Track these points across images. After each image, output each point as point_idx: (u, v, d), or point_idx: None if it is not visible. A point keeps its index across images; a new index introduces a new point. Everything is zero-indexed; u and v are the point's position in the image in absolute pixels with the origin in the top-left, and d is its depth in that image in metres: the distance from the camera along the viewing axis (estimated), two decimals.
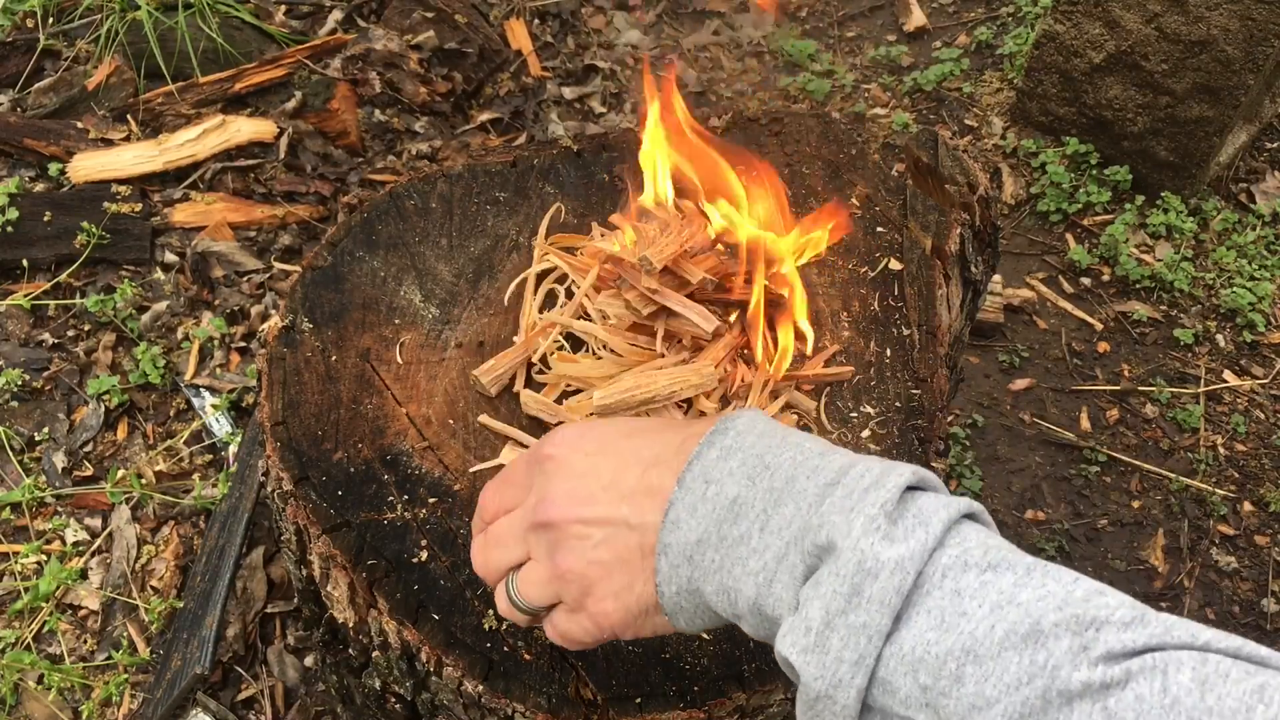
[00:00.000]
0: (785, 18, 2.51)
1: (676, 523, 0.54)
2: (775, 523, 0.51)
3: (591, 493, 0.57)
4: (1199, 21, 1.85)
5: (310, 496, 0.77)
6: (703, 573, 0.53)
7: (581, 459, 0.59)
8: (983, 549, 0.47)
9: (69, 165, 1.74)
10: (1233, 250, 2.02)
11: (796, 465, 0.53)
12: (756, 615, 0.52)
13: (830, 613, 0.47)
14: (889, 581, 0.46)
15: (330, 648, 0.84)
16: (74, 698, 1.26)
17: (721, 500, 0.53)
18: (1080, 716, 0.41)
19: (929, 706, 0.45)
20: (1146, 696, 0.40)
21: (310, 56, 1.94)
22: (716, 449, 0.55)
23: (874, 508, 0.48)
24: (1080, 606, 0.44)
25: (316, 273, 0.93)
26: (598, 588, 0.57)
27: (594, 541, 0.56)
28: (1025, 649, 0.43)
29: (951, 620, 0.45)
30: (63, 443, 1.48)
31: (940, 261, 0.97)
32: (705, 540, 0.53)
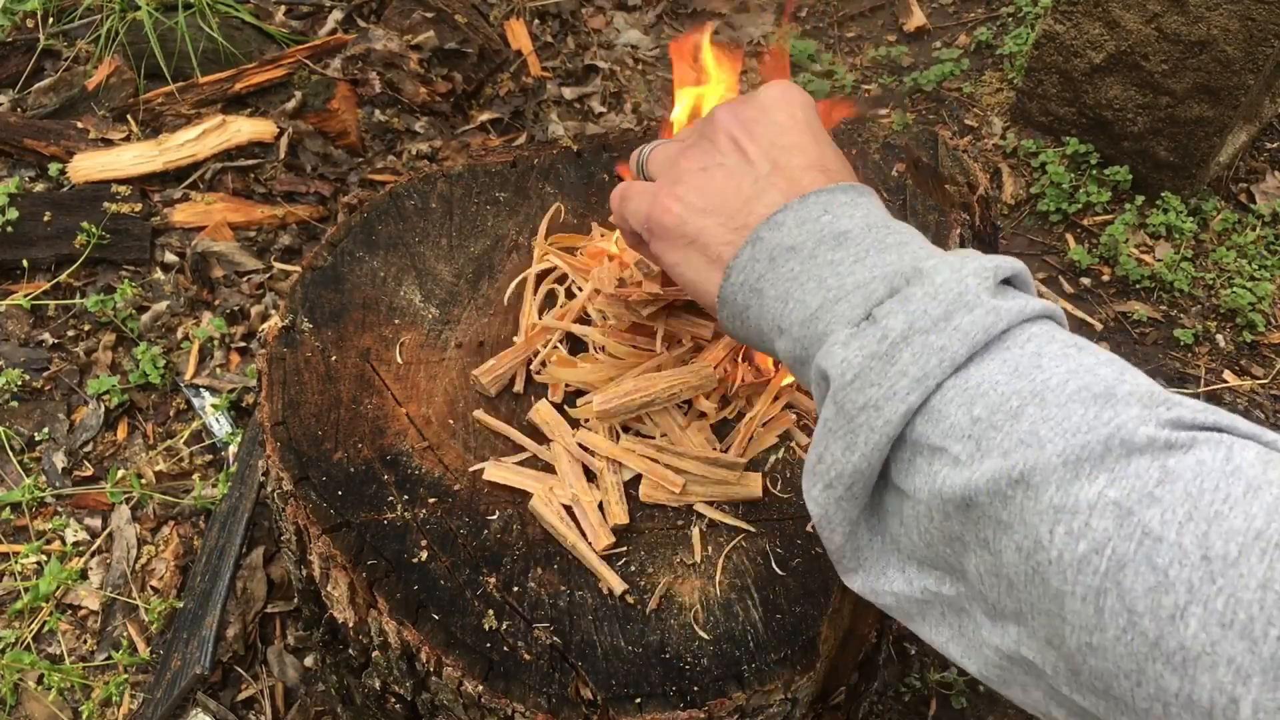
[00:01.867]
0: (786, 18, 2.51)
1: (780, 224, 0.54)
2: (873, 260, 0.51)
3: (762, 134, 0.59)
4: (1199, 22, 1.85)
5: (310, 496, 0.77)
6: (776, 274, 0.54)
7: (784, 118, 0.60)
8: (1072, 336, 0.47)
9: (69, 165, 1.74)
10: (1233, 250, 2.02)
11: (912, 235, 0.54)
12: (804, 328, 0.52)
13: (913, 328, 0.46)
14: (982, 319, 0.45)
15: (330, 648, 0.85)
16: (74, 698, 1.26)
17: (832, 228, 0.54)
18: (1138, 468, 0.39)
19: (971, 438, 0.44)
20: (1208, 461, 0.39)
21: (310, 56, 1.94)
22: (848, 194, 0.56)
23: (986, 265, 0.48)
24: (1157, 391, 0.44)
25: (316, 273, 0.93)
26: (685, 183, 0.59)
27: (723, 159, 0.59)
28: (1094, 405, 0.42)
29: (1026, 370, 0.44)
30: (63, 443, 1.48)
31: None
32: (797, 249, 0.53)
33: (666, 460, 0.79)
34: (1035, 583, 0.41)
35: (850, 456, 0.47)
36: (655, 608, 0.73)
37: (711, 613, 0.73)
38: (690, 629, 0.72)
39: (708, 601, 0.74)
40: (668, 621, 0.72)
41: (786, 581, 0.75)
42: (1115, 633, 0.38)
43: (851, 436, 0.47)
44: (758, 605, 0.74)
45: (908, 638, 1.37)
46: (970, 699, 1.31)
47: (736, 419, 0.83)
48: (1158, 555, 0.37)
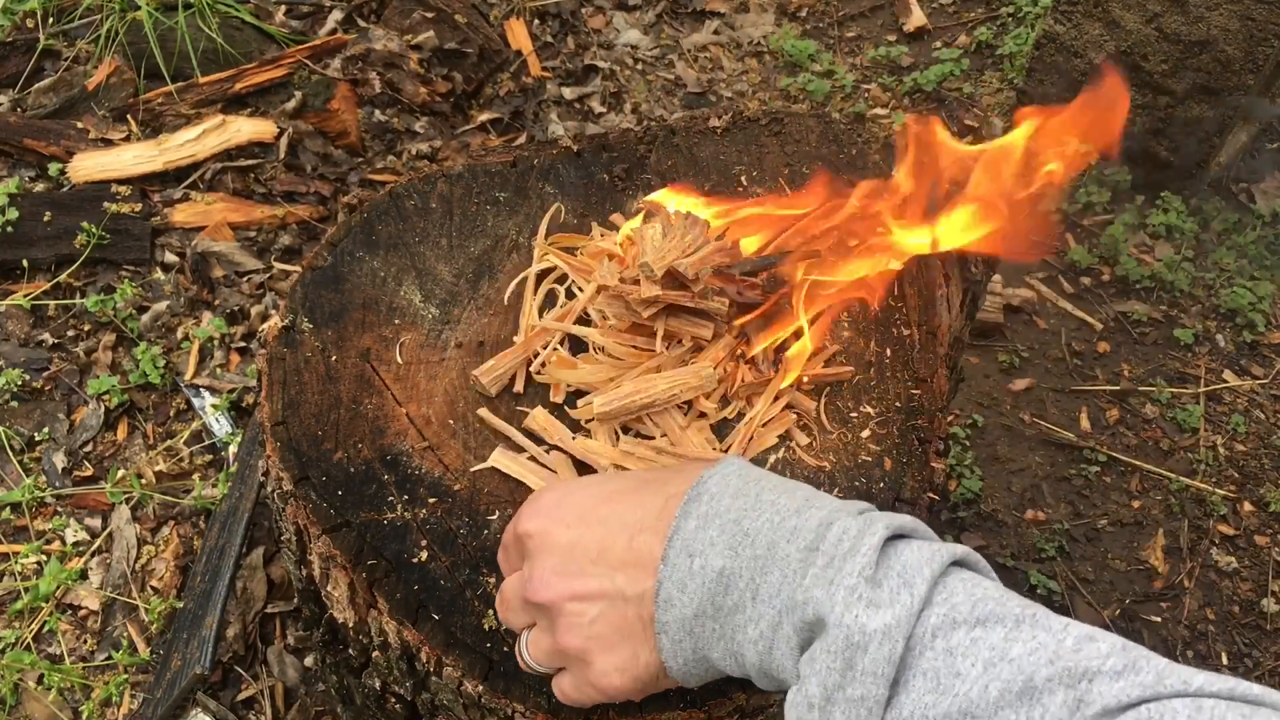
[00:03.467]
0: (785, 17, 2.51)
1: (669, 601, 0.54)
2: (765, 591, 0.52)
3: (581, 567, 0.57)
4: (1199, 22, 1.85)
5: (310, 496, 0.77)
6: (706, 643, 0.54)
7: (563, 531, 0.58)
8: (970, 603, 0.48)
9: (69, 165, 1.74)
10: (1233, 250, 2.02)
11: (775, 529, 0.53)
12: (765, 678, 0.53)
13: (828, 688, 0.48)
14: (879, 652, 0.46)
15: (330, 648, 0.84)
16: (74, 698, 1.26)
17: (708, 573, 0.53)
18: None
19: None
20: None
21: (310, 56, 1.94)
22: (694, 519, 0.55)
23: (853, 576, 0.48)
24: (1071, 658, 0.45)
25: (316, 273, 0.93)
26: (600, 661, 0.57)
27: (590, 617, 0.56)
28: (1021, 707, 0.44)
29: (947, 682, 0.46)
30: (63, 443, 1.48)
31: (940, 261, 0.97)
32: (701, 613, 0.54)
33: (667, 460, 0.79)
34: None
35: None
36: None
37: None
38: None
39: None
40: None
41: None
42: None
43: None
44: None
45: None
46: None
47: (736, 419, 0.83)
48: None
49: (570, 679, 0.60)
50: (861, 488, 0.81)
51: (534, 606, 0.59)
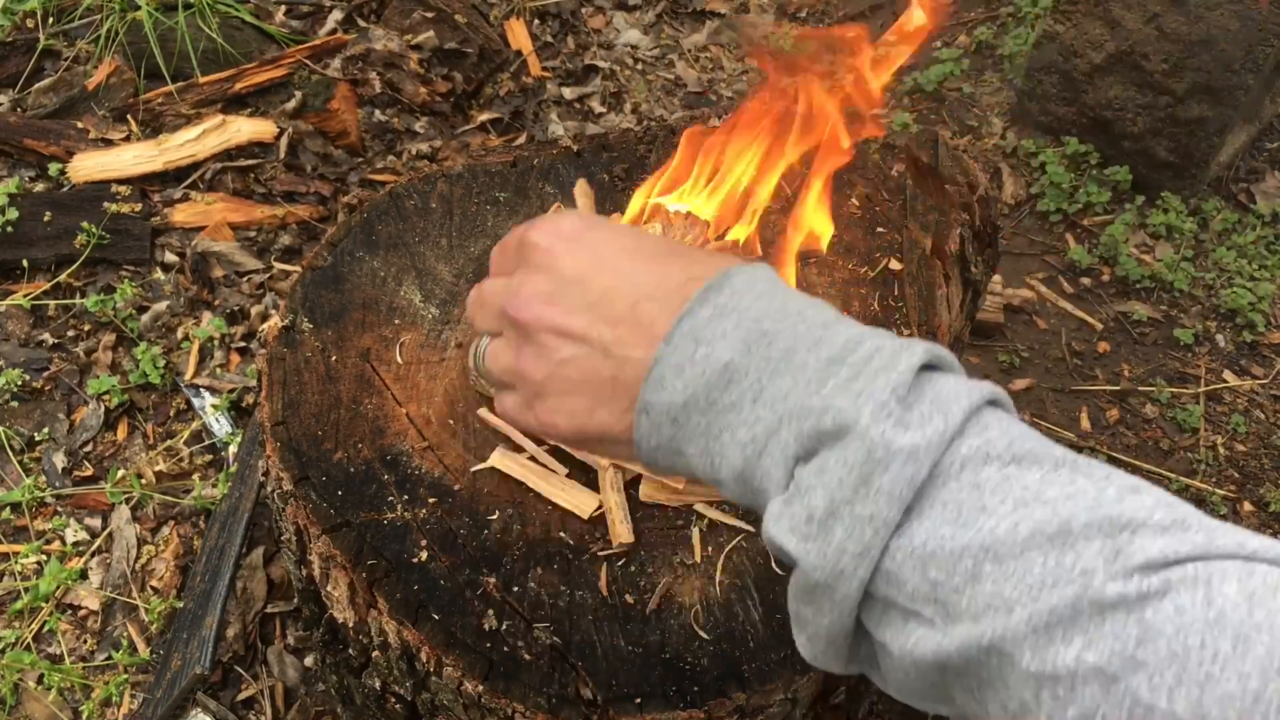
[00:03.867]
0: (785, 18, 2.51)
1: (661, 382, 0.50)
2: (769, 394, 0.47)
3: (573, 304, 0.52)
4: (1199, 21, 1.85)
5: (310, 496, 0.77)
6: (687, 435, 0.50)
7: (571, 262, 0.54)
8: (1007, 440, 0.43)
9: (69, 165, 1.74)
10: (1233, 250, 2.02)
11: (797, 336, 0.48)
12: (740, 484, 0.49)
13: (835, 502, 0.43)
14: (901, 472, 0.42)
15: (330, 648, 0.84)
16: (74, 698, 1.26)
17: (712, 364, 0.49)
18: (1114, 628, 0.37)
19: (938, 602, 0.41)
20: (1188, 609, 0.37)
21: (310, 56, 1.94)
22: (710, 307, 0.50)
23: (885, 391, 0.44)
24: (1113, 507, 0.40)
25: (316, 273, 0.93)
26: (552, 399, 0.53)
27: (562, 356, 0.52)
28: (1052, 550, 0.39)
29: (969, 516, 0.41)
30: (63, 443, 1.48)
31: (940, 261, 0.97)
32: (692, 404, 0.49)
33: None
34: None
35: (821, 620, 0.46)
36: (655, 608, 0.73)
37: (711, 613, 0.73)
38: (690, 629, 0.72)
39: (708, 602, 0.74)
40: (668, 621, 0.72)
41: (786, 582, 0.75)
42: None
43: (817, 605, 0.46)
44: (758, 605, 0.74)
45: None
46: None
47: None
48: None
49: (515, 399, 0.56)
50: None
51: (509, 320, 0.55)
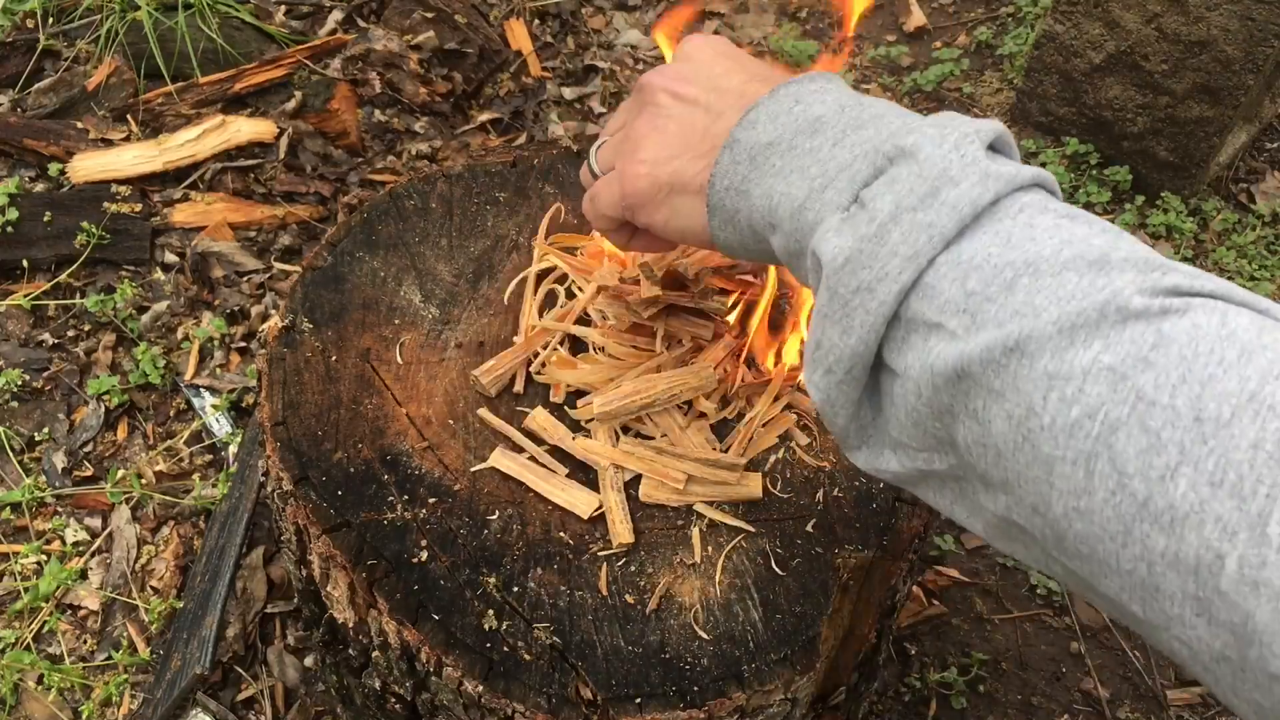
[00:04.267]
0: (785, 18, 2.51)
1: (754, 123, 0.55)
2: (851, 139, 0.51)
3: (696, 78, 0.60)
4: (1199, 21, 1.84)
5: (310, 496, 0.77)
6: (760, 173, 0.54)
7: (708, 53, 0.62)
8: (1063, 205, 0.46)
9: (69, 165, 1.74)
10: (1233, 250, 2.02)
11: (888, 109, 0.53)
12: (795, 220, 0.52)
13: (900, 207, 0.46)
14: (969, 191, 0.45)
15: (330, 648, 0.85)
16: (74, 698, 1.26)
17: (805, 116, 0.54)
18: (1133, 334, 0.39)
19: (966, 311, 0.43)
20: (1203, 325, 0.39)
21: (310, 57, 1.94)
22: (816, 83, 0.56)
23: (968, 131, 0.47)
24: (1152, 255, 0.43)
25: (316, 273, 0.93)
26: (643, 147, 0.60)
27: (669, 112, 0.60)
28: (1088, 273, 0.42)
29: (1018, 241, 0.44)
30: (63, 443, 1.48)
31: None
32: (775, 144, 0.53)
33: (666, 461, 0.79)
34: (1024, 450, 0.41)
35: (847, 340, 0.48)
36: (655, 608, 0.73)
37: (711, 613, 0.73)
38: (690, 629, 0.72)
39: (708, 601, 0.74)
40: (668, 621, 0.72)
41: (786, 581, 0.75)
42: (1104, 495, 0.38)
43: (847, 320, 0.47)
44: (758, 605, 0.74)
45: (908, 638, 1.37)
46: (970, 699, 1.31)
47: (736, 419, 0.83)
48: (1151, 418, 0.37)
49: (607, 179, 0.64)
50: (861, 488, 0.81)
51: (637, 95, 0.63)
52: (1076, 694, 1.35)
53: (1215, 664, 0.36)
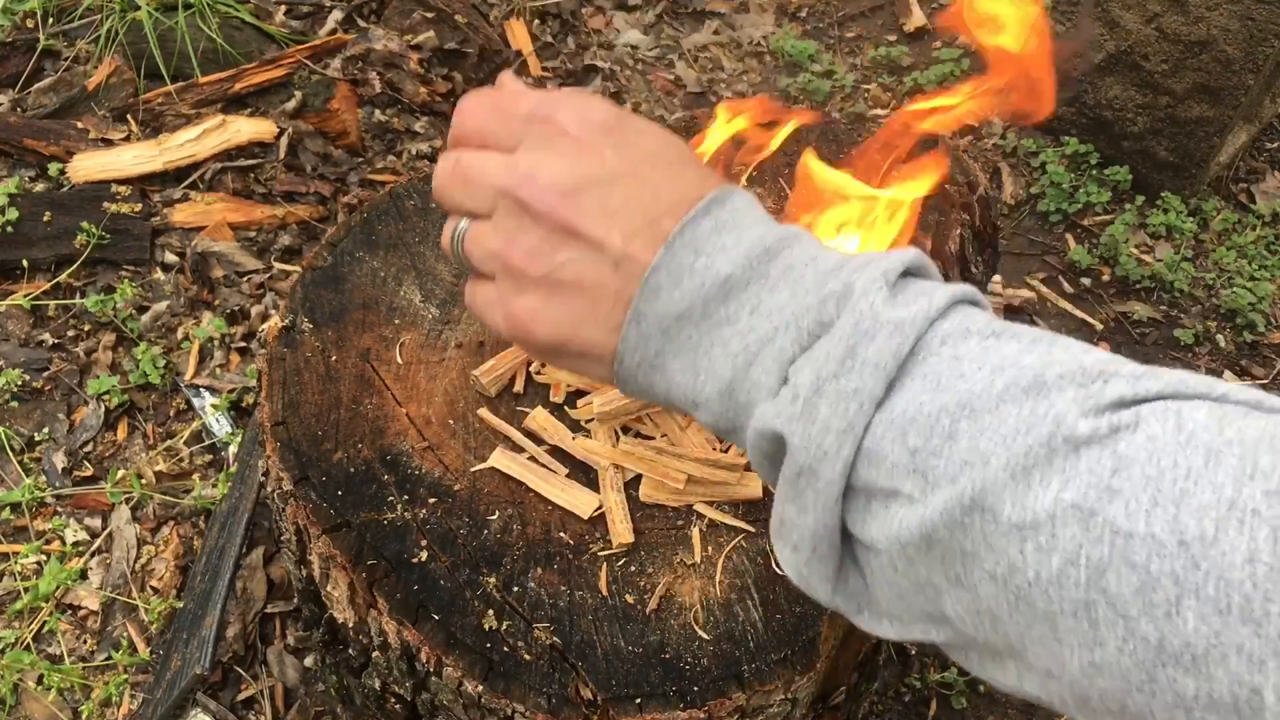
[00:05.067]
0: (785, 17, 2.51)
1: (657, 291, 0.47)
2: (768, 306, 0.46)
3: (593, 206, 0.48)
4: (1199, 22, 1.85)
5: (310, 496, 0.77)
6: (676, 348, 0.48)
7: (598, 159, 0.49)
8: (987, 320, 0.44)
9: (69, 165, 1.74)
10: (1233, 250, 2.02)
11: (794, 253, 0.48)
12: (725, 401, 0.48)
13: (821, 378, 0.42)
14: (886, 344, 0.42)
15: (330, 648, 0.84)
16: (74, 698, 1.26)
17: (711, 276, 0.47)
18: (1089, 463, 0.37)
19: (916, 472, 0.41)
20: (1159, 435, 0.36)
21: (310, 57, 1.94)
22: (711, 220, 0.48)
23: (875, 275, 0.44)
24: (1088, 359, 0.41)
25: (316, 273, 0.93)
26: (537, 300, 0.49)
27: (566, 257, 0.48)
28: (1026, 400, 0.39)
29: (948, 382, 0.41)
30: (63, 443, 1.48)
31: (941, 262, 0.97)
32: (686, 316, 0.47)
33: (666, 461, 0.79)
34: (1021, 609, 0.38)
35: (805, 519, 0.45)
36: (655, 608, 0.73)
37: (711, 613, 0.73)
38: (690, 629, 0.72)
39: (708, 601, 0.74)
40: (668, 621, 0.72)
41: (786, 582, 0.75)
42: (1116, 644, 0.35)
43: (800, 501, 0.44)
44: (758, 605, 0.74)
45: None
46: (970, 699, 1.31)
47: None
48: (1134, 552, 0.35)
49: (489, 292, 0.52)
50: None
51: (513, 203, 0.49)
52: None
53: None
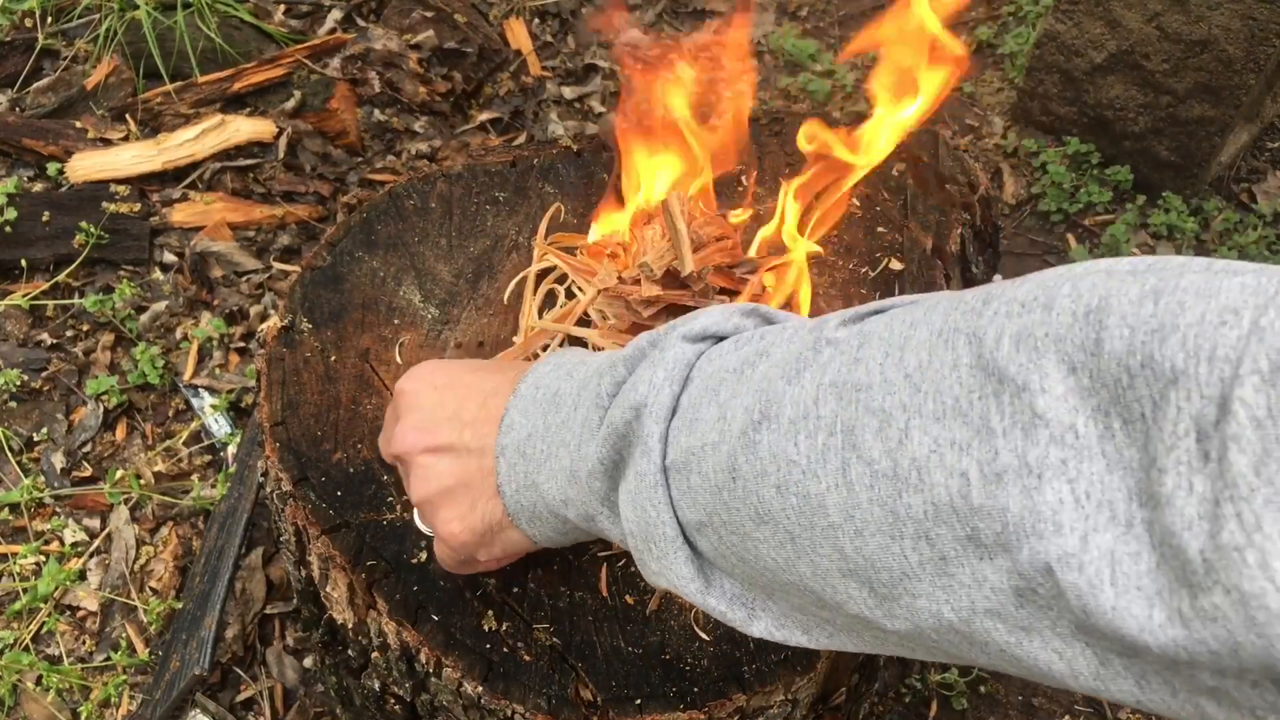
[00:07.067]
0: (785, 17, 2.50)
1: (511, 425, 0.57)
2: (585, 399, 0.54)
3: (437, 423, 0.60)
4: (1200, 21, 1.84)
5: (309, 497, 0.77)
6: (535, 464, 0.55)
7: (430, 393, 0.61)
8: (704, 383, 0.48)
9: (67, 165, 1.74)
10: (1234, 250, 2.02)
11: (609, 357, 0.55)
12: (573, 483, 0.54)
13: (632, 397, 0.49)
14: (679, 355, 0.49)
15: (329, 649, 0.84)
16: (73, 699, 1.25)
17: (545, 394, 0.56)
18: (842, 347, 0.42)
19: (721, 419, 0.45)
20: (899, 313, 0.41)
21: (309, 56, 1.94)
22: (550, 364, 0.59)
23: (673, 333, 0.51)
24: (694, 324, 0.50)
25: (315, 273, 0.93)
26: (443, 511, 0.60)
27: (438, 470, 0.59)
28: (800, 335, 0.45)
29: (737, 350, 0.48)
30: (61, 443, 1.48)
31: (941, 262, 0.96)
32: (534, 433, 0.56)
33: None
34: (805, 511, 0.41)
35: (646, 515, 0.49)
36: (655, 608, 0.73)
37: None
38: (690, 630, 0.72)
39: None
40: (668, 622, 0.72)
41: None
42: (866, 495, 0.38)
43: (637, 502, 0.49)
44: None
45: None
46: (971, 700, 1.31)
47: None
48: (872, 399, 0.38)
49: (438, 544, 0.64)
50: None
51: (396, 459, 0.63)
52: (1078, 694, 1.34)
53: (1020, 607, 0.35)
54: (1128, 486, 0.31)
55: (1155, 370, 0.30)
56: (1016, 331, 0.34)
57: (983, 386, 0.35)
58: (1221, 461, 0.27)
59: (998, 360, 0.34)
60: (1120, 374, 0.31)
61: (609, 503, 0.52)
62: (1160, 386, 0.30)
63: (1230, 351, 0.28)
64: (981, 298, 0.38)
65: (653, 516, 0.48)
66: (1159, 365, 0.30)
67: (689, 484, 0.46)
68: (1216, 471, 0.28)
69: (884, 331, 0.40)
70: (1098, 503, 0.31)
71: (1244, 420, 0.27)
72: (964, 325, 0.37)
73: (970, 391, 0.35)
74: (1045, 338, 0.33)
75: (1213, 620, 0.28)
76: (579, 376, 0.55)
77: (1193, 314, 0.30)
